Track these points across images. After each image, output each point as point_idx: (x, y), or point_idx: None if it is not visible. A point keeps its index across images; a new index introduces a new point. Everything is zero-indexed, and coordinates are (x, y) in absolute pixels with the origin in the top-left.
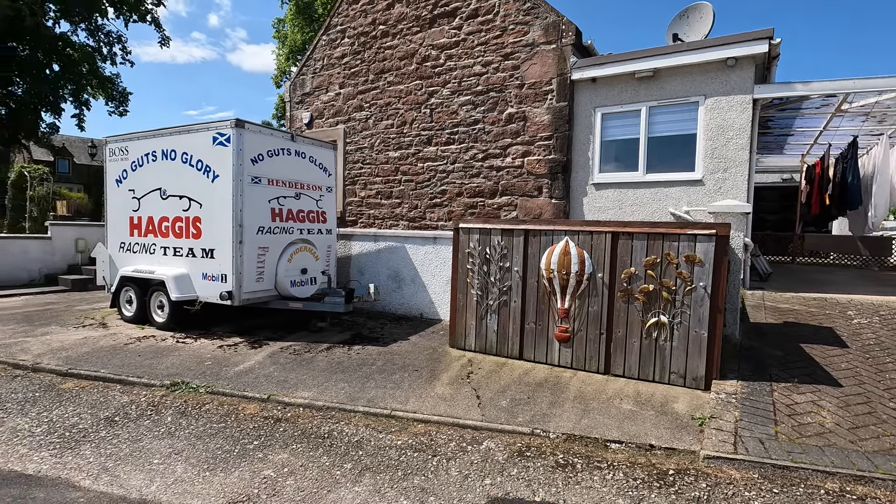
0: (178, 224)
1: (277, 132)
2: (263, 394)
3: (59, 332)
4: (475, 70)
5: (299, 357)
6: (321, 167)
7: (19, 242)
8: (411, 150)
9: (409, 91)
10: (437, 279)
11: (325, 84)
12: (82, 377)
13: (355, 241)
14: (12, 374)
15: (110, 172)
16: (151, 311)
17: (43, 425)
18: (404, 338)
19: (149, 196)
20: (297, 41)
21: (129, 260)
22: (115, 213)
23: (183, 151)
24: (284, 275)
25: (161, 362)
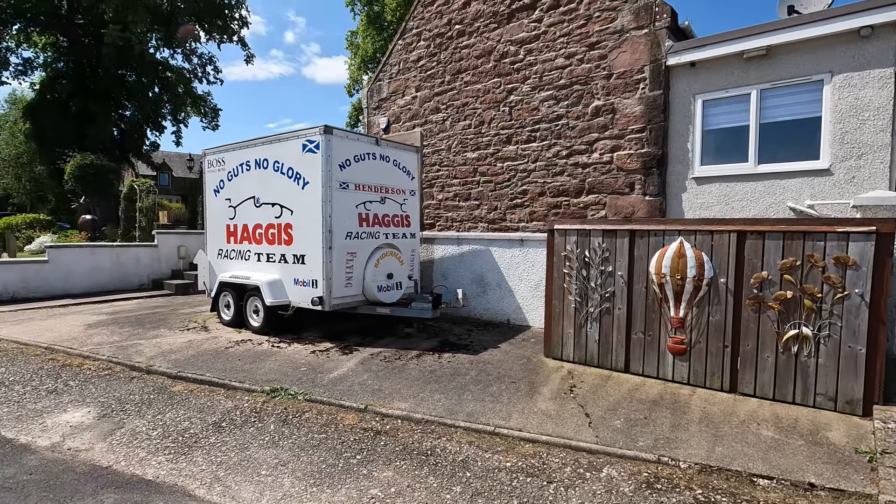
0: (270, 231)
1: (363, 137)
2: (360, 403)
3: (168, 335)
4: (557, 63)
5: (390, 364)
6: (405, 170)
7: (132, 251)
8: (490, 150)
9: (486, 90)
10: (525, 283)
11: (401, 88)
12: (190, 380)
13: (438, 244)
14: (129, 375)
15: (208, 183)
16: (247, 315)
17: (158, 428)
18: (494, 345)
19: (244, 204)
20: (368, 50)
21: (227, 266)
22: (213, 222)
23: (275, 160)
24: (372, 280)
25: (259, 367)
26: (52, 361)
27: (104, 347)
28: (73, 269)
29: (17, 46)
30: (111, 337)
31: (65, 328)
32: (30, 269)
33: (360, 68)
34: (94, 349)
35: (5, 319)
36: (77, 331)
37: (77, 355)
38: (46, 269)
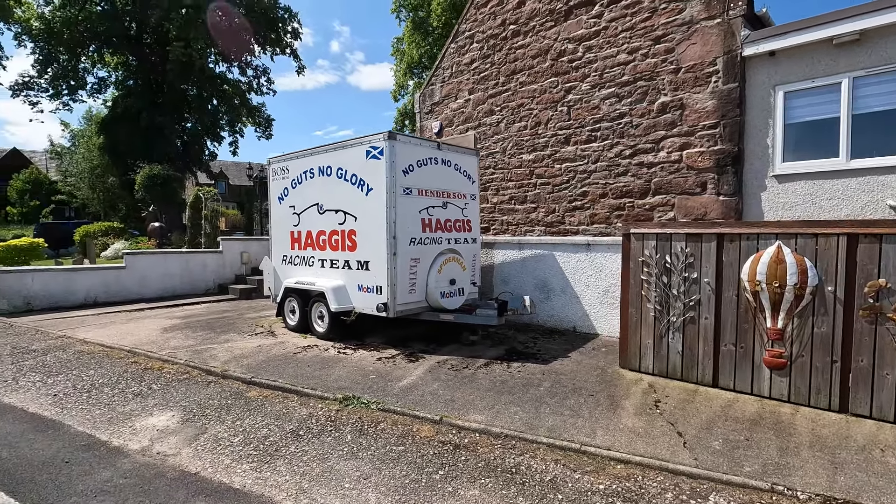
0: (334, 237)
1: (425, 141)
2: (435, 414)
3: (238, 340)
4: (619, 59)
5: (459, 374)
6: (465, 174)
7: (199, 256)
8: (546, 151)
9: (543, 90)
10: (592, 290)
11: (454, 92)
12: (263, 386)
13: (498, 249)
14: (206, 379)
15: (273, 190)
16: (312, 320)
17: (239, 435)
18: (563, 355)
19: (307, 211)
20: (413, 56)
21: (291, 272)
22: (277, 228)
23: (338, 167)
24: (435, 286)
25: (329, 374)
26: (135, 364)
27: (180, 352)
28: (148, 274)
29: (92, 67)
30: (186, 341)
31: (143, 332)
32: (110, 274)
33: (405, 74)
34: (171, 353)
35: (90, 323)
36: (154, 335)
37: (157, 359)
38: (124, 275)
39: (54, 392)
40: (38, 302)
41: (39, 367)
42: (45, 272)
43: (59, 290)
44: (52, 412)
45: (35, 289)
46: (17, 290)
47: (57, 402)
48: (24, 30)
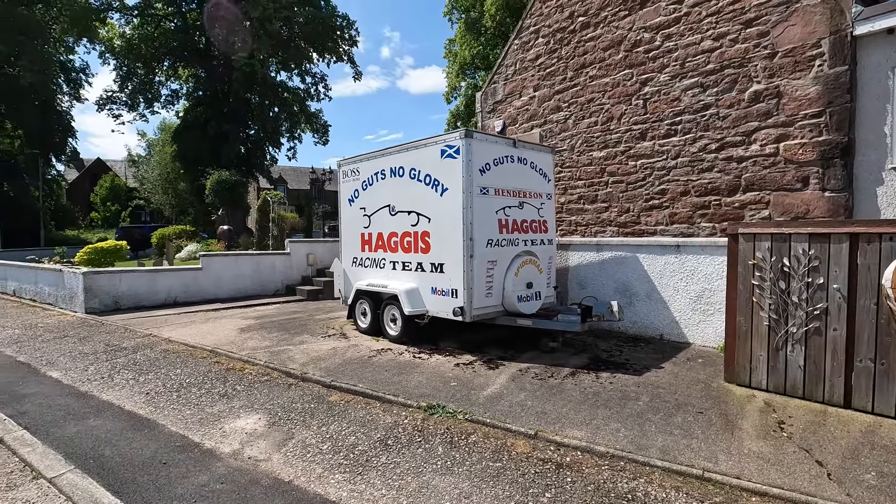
0: (406, 239)
1: (501, 139)
2: (528, 428)
3: (312, 342)
4: (703, 47)
5: (544, 383)
6: (541, 173)
7: (268, 258)
8: (619, 147)
9: (615, 83)
10: (682, 295)
11: (517, 89)
12: (343, 390)
13: (573, 250)
14: (287, 381)
15: (343, 192)
16: (384, 323)
17: (326, 442)
18: (656, 365)
19: (378, 213)
20: (466, 58)
21: (361, 274)
22: (347, 230)
23: (411, 167)
24: (512, 290)
25: (408, 380)
26: (218, 364)
27: (259, 352)
28: (222, 275)
29: (166, 80)
30: (262, 342)
31: (222, 332)
32: (188, 275)
33: (457, 75)
34: (250, 354)
35: (172, 322)
36: (232, 335)
37: (237, 359)
38: (200, 276)
39: (146, 390)
40: (125, 301)
41: (131, 364)
42: (132, 273)
43: (143, 290)
44: (146, 411)
45: (123, 289)
46: (107, 290)
47: (150, 401)
48: (108, 48)
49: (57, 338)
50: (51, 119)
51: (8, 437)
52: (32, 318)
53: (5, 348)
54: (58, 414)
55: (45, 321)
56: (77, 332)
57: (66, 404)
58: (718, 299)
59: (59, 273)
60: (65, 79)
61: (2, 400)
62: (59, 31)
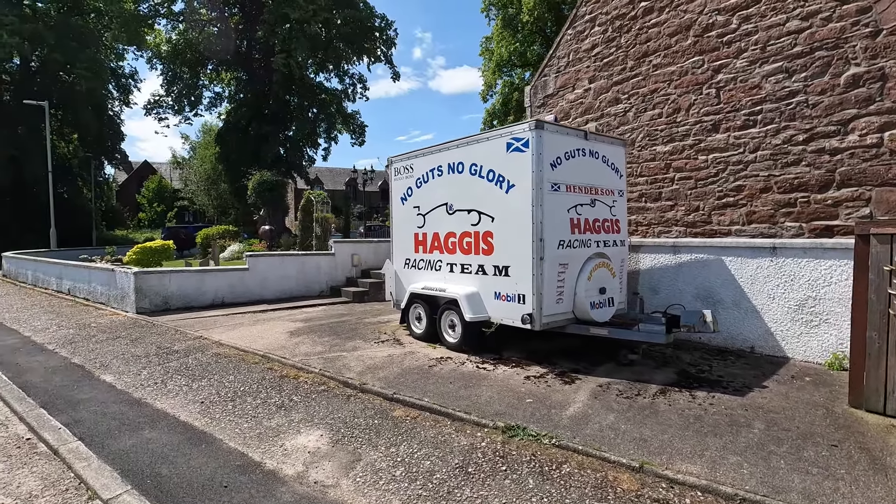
0: (465, 240)
1: (572, 130)
2: (630, 458)
3: (366, 348)
4: (789, 28)
5: (633, 402)
6: (613, 168)
7: (313, 259)
8: (688, 141)
9: (683, 71)
10: (779, 303)
11: (570, 82)
12: (407, 404)
13: (645, 252)
14: (345, 392)
15: (395, 190)
16: (442, 329)
17: (399, 466)
18: (757, 384)
19: (434, 212)
20: (503, 55)
21: (414, 276)
22: (400, 230)
23: (471, 163)
24: (584, 295)
25: (476, 394)
26: (271, 371)
27: (313, 359)
28: (268, 276)
29: (209, 83)
30: (314, 347)
31: (271, 335)
32: (234, 276)
33: (494, 73)
34: (304, 360)
35: (221, 324)
36: (282, 338)
37: (291, 366)
38: (247, 277)
39: (200, 399)
40: (174, 301)
41: (183, 369)
42: (181, 273)
43: (191, 290)
44: (201, 422)
45: (172, 289)
46: (157, 290)
47: (205, 411)
48: (155, 53)
49: (110, 339)
50: (103, 123)
51: (63, 448)
52: (86, 318)
53: (61, 349)
54: (112, 423)
55: (97, 321)
56: (129, 332)
57: (121, 412)
58: (825, 309)
59: (111, 273)
60: (115, 84)
61: (57, 406)
62: (110, 39)
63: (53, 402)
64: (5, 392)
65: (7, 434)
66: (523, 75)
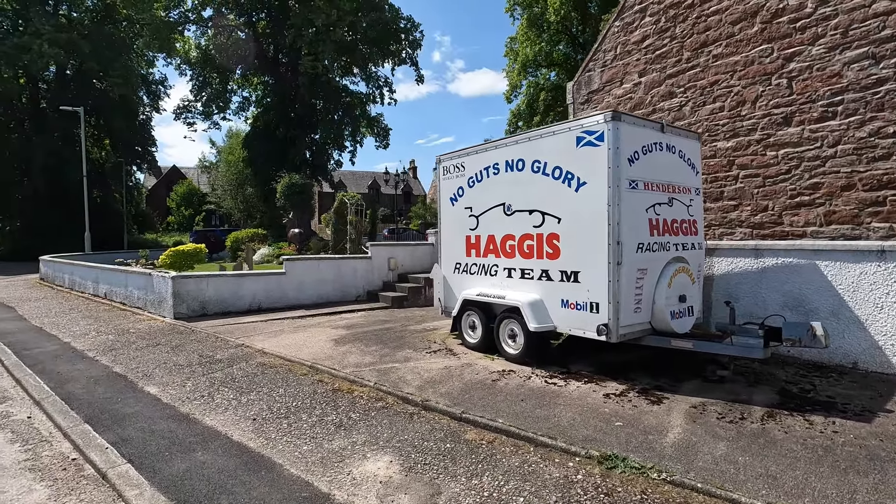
0: (526, 242)
1: (648, 122)
2: (765, 502)
3: (418, 359)
4: (877, 9)
5: (740, 428)
6: (689, 164)
7: (350, 263)
8: (754, 136)
9: (748, 61)
10: (889, 314)
11: (618, 76)
12: (479, 426)
13: (719, 256)
14: (406, 410)
15: (444, 191)
16: (501, 339)
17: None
18: (879, 407)
19: (489, 213)
20: (528, 55)
21: (466, 282)
22: (449, 233)
23: (534, 160)
24: (664, 304)
25: (555, 414)
26: (322, 384)
27: (365, 371)
28: (304, 280)
29: (237, 88)
30: (363, 357)
31: (315, 343)
32: (272, 280)
33: (519, 74)
34: (355, 372)
35: (261, 331)
36: (328, 347)
37: (343, 378)
38: (284, 281)
39: (252, 415)
40: (211, 306)
41: (229, 380)
42: (218, 278)
43: (228, 295)
44: (257, 443)
45: (209, 294)
46: (194, 295)
47: (258, 430)
48: (184, 60)
49: (150, 346)
50: (134, 129)
51: (112, 472)
52: (124, 323)
53: (101, 356)
54: (162, 443)
55: (136, 326)
56: (168, 339)
57: (170, 430)
58: None
59: (148, 277)
60: (145, 91)
61: (102, 421)
62: (141, 46)
63: (98, 417)
64: (48, 404)
65: (52, 453)
66: (548, 75)
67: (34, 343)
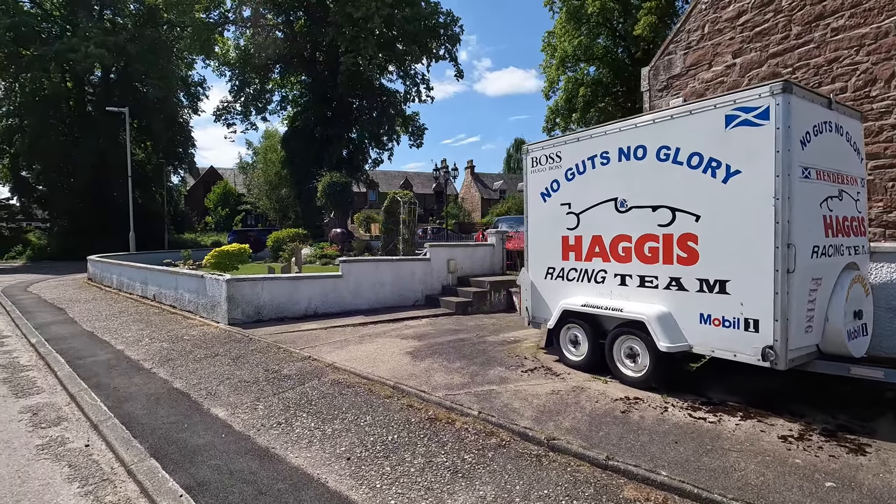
0: (648, 244)
1: (816, 96)
2: None
3: (516, 379)
4: None
5: None
6: (855, 148)
7: (408, 265)
8: (889, 119)
9: (880, 32)
10: None
11: (706, 58)
12: (637, 478)
13: (880, 261)
14: (528, 449)
15: (533, 185)
16: (616, 359)
17: None
18: None
19: (594, 210)
20: (566, 50)
21: (562, 290)
22: (540, 233)
23: (660, 146)
24: (841, 321)
25: (731, 465)
26: (413, 410)
27: (460, 395)
28: (362, 283)
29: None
30: (450, 375)
31: (389, 357)
32: (328, 284)
33: (558, 69)
34: (449, 396)
35: (324, 340)
36: (405, 362)
37: (437, 404)
38: (340, 284)
39: (343, 451)
40: (266, 312)
41: (305, 403)
42: (273, 281)
43: (283, 299)
44: (361, 495)
45: (265, 298)
46: (249, 299)
47: (357, 474)
48: (223, 61)
49: (208, 356)
50: (174, 131)
51: None
52: (177, 329)
53: (158, 368)
54: (245, 490)
55: (189, 332)
56: (227, 349)
57: (251, 471)
58: None
59: (200, 279)
60: (185, 93)
61: (170, 456)
62: (182, 48)
63: (164, 450)
64: (108, 429)
65: (116, 498)
66: (586, 70)
67: (87, 350)
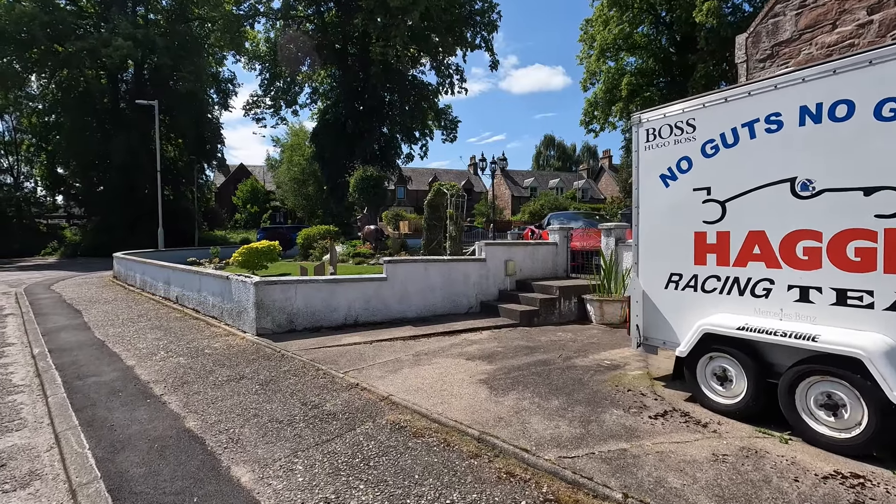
0: (855, 243)
1: None
2: None
3: (651, 432)
4: None
5: None
6: None
7: (460, 266)
8: None
9: None
10: None
11: (827, 18)
12: None
13: None
14: None
15: (647, 165)
16: (801, 410)
17: None
18: None
19: (753, 196)
20: (606, 38)
21: (696, 304)
22: (656, 228)
23: (879, 101)
24: None
25: None
26: (513, 481)
27: (581, 460)
28: (408, 287)
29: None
30: (551, 421)
31: (458, 386)
32: (370, 288)
33: (597, 59)
34: (565, 459)
35: (372, 359)
36: (482, 396)
37: (550, 473)
38: (384, 288)
39: None
40: (300, 320)
41: (360, 463)
42: (308, 284)
43: (319, 305)
44: None
45: (298, 304)
46: (280, 305)
47: None
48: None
49: (231, 379)
50: (204, 127)
51: None
52: (198, 339)
53: (170, 395)
54: None
55: (212, 344)
56: (254, 369)
57: None
58: None
59: (225, 281)
60: (215, 89)
61: None
62: (213, 42)
63: None
64: (87, 502)
65: None
66: (626, 59)
67: (91, 367)
